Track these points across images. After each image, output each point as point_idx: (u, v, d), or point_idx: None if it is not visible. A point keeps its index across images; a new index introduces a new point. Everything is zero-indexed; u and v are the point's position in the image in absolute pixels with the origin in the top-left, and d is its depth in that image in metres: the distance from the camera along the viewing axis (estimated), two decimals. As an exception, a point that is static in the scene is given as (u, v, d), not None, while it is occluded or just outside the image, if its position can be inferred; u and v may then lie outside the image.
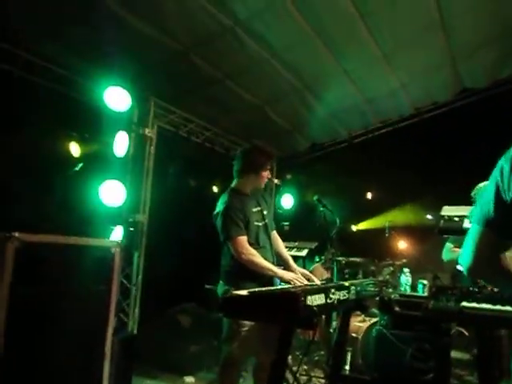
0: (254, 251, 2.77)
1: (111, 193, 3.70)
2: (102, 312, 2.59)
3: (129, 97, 3.78)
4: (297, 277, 2.69)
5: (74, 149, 3.89)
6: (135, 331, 3.99)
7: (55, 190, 3.72)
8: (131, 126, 4.10)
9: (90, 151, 3.96)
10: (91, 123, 3.85)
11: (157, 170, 4.35)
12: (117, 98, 3.71)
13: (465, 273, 1.31)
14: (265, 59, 4.02)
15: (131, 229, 4.01)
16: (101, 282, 2.60)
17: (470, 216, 1.29)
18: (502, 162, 1.21)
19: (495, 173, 1.23)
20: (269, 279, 2.83)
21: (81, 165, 3.78)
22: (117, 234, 3.79)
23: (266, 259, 2.82)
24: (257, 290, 2.10)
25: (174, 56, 3.84)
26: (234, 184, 3.03)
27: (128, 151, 3.99)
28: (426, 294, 3.26)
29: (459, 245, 3.53)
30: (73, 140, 3.85)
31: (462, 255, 1.31)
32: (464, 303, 2.59)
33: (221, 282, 2.92)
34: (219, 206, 2.90)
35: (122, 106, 3.75)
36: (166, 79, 4.16)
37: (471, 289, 2.71)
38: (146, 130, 4.21)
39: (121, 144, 3.90)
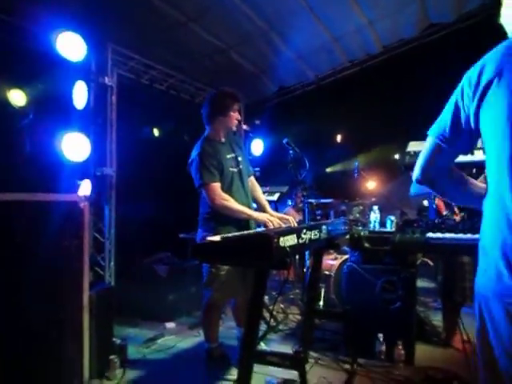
0: (227, 196, 2.79)
1: (75, 146, 3.56)
2: (76, 266, 2.58)
3: (84, 43, 3.54)
4: (272, 218, 2.73)
5: (18, 97, 3.62)
6: (113, 283, 4.03)
7: (12, 146, 3.54)
8: (89, 75, 3.88)
9: (47, 104, 3.74)
10: (44, 74, 3.60)
11: (120, 120, 4.19)
12: (70, 44, 3.45)
13: (415, 179, 1.37)
14: (227, -2, 3.81)
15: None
16: (71, 237, 2.56)
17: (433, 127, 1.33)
18: (463, 81, 1.25)
19: (457, 90, 1.26)
20: (246, 223, 2.87)
21: (30, 116, 3.55)
22: (84, 188, 3.69)
23: (241, 204, 2.85)
24: (230, 234, 2.13)
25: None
26: (206, 132, 3.01)
27: (88, 102, 3.81)
28: (393, 229, 3.38)
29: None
30: (17, 89, 3.57)
31: (415, 167, 1.36)
32: (429, 234, 2.72)
33: (199, 229, 2.96)
34: (193, 154, 2.89)
35: (76, 54, 3.51)
36: (124, 24, 3.90)
37: (436, 221, 2.83)
38: (106, 79, 4.00)
39: (80, 95, 3.70)
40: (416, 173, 1.35)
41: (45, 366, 2.40)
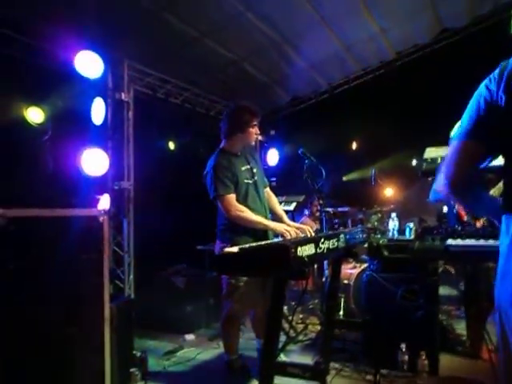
0: (242, 207, 2.80)
1: (93, 161, 3.63)
2: (96, 280, 2.61)
3: (101, 61, 3.63)
4: (289, 228, 2.73)
5: (38, 115, 3.69)
6: (132, 296, 4.06)
7: (32, 162, 3.62)
8: (106, 91, 3.97)
9: (66, 120, 3.83)
10: (64, 91, 3.69)
11: (137, 135, 4.27)
12: (88, 63, 3.55)
13: (445, 192, 1.27)
14: (240, 13, 3.86)
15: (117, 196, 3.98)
16: (91, 251, 2.60)
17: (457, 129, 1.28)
18: (486, 82, 1.22)
19: (478, 92, 1.23)
20: (263, 234, 2.87)
21: (50, 133, 3.63)
22: (103, 202, 3.76)
23: (258, 215, 2.85)
24: (247, 245, 2.13)
25: (146, 15, 3.66)
26: (222, 144, 3.04)
27: (106, 118, 3.89)
28: (412, 236, 3.33)
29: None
30: (38, 107, 3.65)
31: (439, 178, 1.28)
32: (449, 241, 2.67)
33: (217, 240, 2.97)
34: (208, 167, 2.91)
35: (94, 71, 3.60)
36: (140, 40, 3.98)
37: (456, 227, 2.78)
38: (123, 95, 4.08)
39: (98, 111, 3.79)
40: (442, 182, 1.26)
41: (67, 379, 2.42)
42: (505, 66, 1.20)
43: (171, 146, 5.84)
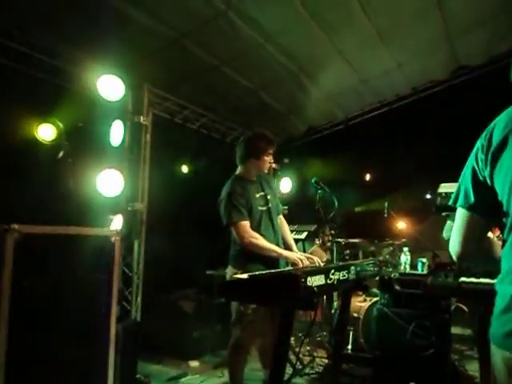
0: (256, 234, 2.80)
1: (109, 182, 3.69)
2: (105, 301, 2.61)
3: (122, 85, 3.74)
4: (302, 257, 2.72)
5: (49, 132, 3.70)
6: (138, 318, 4.03)
7: (50, 181, 3.69)
8: (126, 114, 4.07)
9: (86, 141, 3.91)
10: (85, 113, 3.80)
11: (153, 158, 4.34)
12: (110, 86, 3.66)
13: (455, 260, 1.35)
14: (259, 44, 3.96)
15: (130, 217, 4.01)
16: (102, 271, 2.61)
17: (454, 196, 1.32)
18: (477, 144, 1.25)
19: (472, 155, 1.26)
20: (275, 261, 2.86)
21: (69, 153, 3.68)
22: (116, 223, 3.79)
23: (270, 243, 2.84)
24: (257, 273, 2.12)
25: (168, 43, 3.79)
26: (237, 171, 3.07)
27: (123, 140, 3.97)
28: (425, 271, 3.28)
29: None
30: (50, 124, 3.67)
31: (451, 243, 1.33)
32: (462, 278, 2.62)
33: (229, 266, 2.97)
34: (223, 193, 2.94)
35: (115, 95, 3.71)
36: (160, 66, 4.12)
37: (470, 265, 2.73)
38: (142, 118, 4.18)
39: (116, 133, 3.88)
40: (456, 250, 1.31)
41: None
42: (492, 131, 1.20)
43: (186, 169, 5.91)
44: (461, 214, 1.29)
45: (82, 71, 3.75)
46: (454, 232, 1.31)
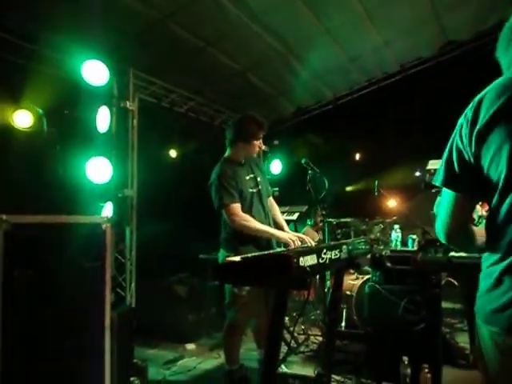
0: (247, 216, 2.81)
1: (97, 169, 3.64)
2: (98, 288, 2.60)
3: (107, 70, 3.66)
4: (295, 238, 2.73)
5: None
6: (133, 304, 4.05)
7: (39, 169, 3.64)
8: (112, 99, 4.00)
9: (72, 128, 3.84)
10: (70, 99, 3.72)
11: (141, 143, 4.29)
12: (94, 71, 3.58)
13: (442, 241, 1.34)
14: (245, 23, 3.90)
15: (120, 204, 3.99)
16: (94, 258, 2.60)
17: (438, 175, 1.29)
18: (461, 120, 1.21)
19: (455, 130, 1.23)
20: (267, 243, 2.87)
21: (56, 140, 3.62)
22: (107, 210, 3.76)
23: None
24: (250, 255, 2.13)
25: (152, 25, 3.71)
26: (226, 153, 3.05)
27: (110, 126, 3.91)
28: (415, 248, 3.32)
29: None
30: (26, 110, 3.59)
31: (437, 224, 1.31)
32: (452, 253, 2.66)
33: (221, 249, 2.97)
34: (212, 176, 2.92)
35: (100, 80, 3.63)
36: (145, 50, 4.03)
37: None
38: (127, 103, 4.12)
39: (102, 119, 3.81)
40: (443, 230, 1.29)
41: (66, 387, 2.41)
42: (479, 105, 1.16)
43: (175, 154, 5.86)
44: (446, 193, 1.26)
45: (65, 56, 3.65)
46: (441, 212, 1.28)
